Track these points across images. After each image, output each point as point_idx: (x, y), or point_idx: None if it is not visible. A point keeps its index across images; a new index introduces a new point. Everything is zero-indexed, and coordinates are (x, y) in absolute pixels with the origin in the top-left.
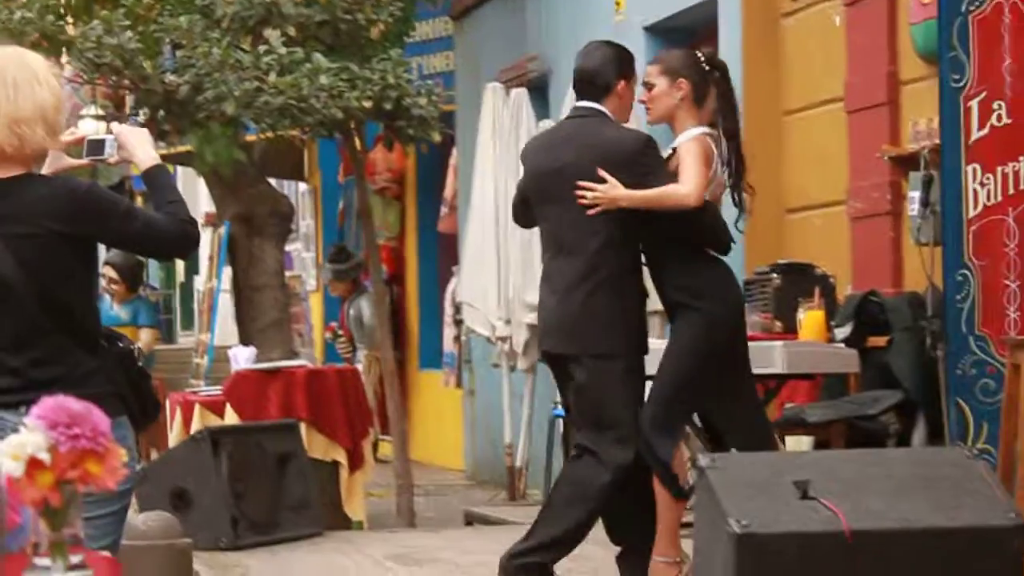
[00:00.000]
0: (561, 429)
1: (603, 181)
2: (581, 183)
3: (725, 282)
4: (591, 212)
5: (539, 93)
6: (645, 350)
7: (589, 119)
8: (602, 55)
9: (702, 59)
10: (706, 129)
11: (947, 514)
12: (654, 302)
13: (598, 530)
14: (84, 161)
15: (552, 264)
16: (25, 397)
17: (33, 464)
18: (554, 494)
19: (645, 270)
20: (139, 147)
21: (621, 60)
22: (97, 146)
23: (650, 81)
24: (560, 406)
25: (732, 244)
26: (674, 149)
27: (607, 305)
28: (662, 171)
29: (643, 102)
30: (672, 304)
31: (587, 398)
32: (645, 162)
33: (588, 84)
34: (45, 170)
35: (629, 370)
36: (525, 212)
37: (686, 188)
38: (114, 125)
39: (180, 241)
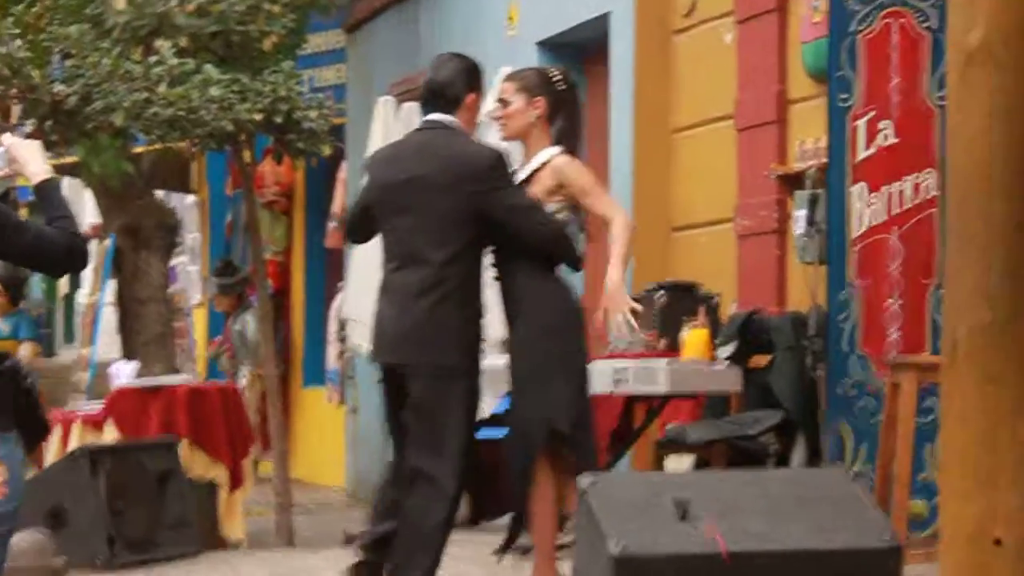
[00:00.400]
0: None
1: (455, 191)
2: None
3: (570, 298)
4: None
5: None
6: (479, 368)
7: (439, 131)
8: (453, 67)
9: (557, 77)
10: (560, 148)
11: (825, 536)
12: None
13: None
14: None
15: (395, 275)
16: None
17: None
18: (400, 539)
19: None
20: (31, 160)
21: (471, 73)
22: None
23: (506, 98)
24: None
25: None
26: (534, 172)
27: (451, 316)
28: (511, 186)
29: (498, 118)
30: (513, 316)
31: (426, 416)
32: (496, 176)
33: (439, 96)
34: None
35: (469, 389)
36: (364, 224)
37: (619, 216)
38: (5, 137)
39: (70, 256)
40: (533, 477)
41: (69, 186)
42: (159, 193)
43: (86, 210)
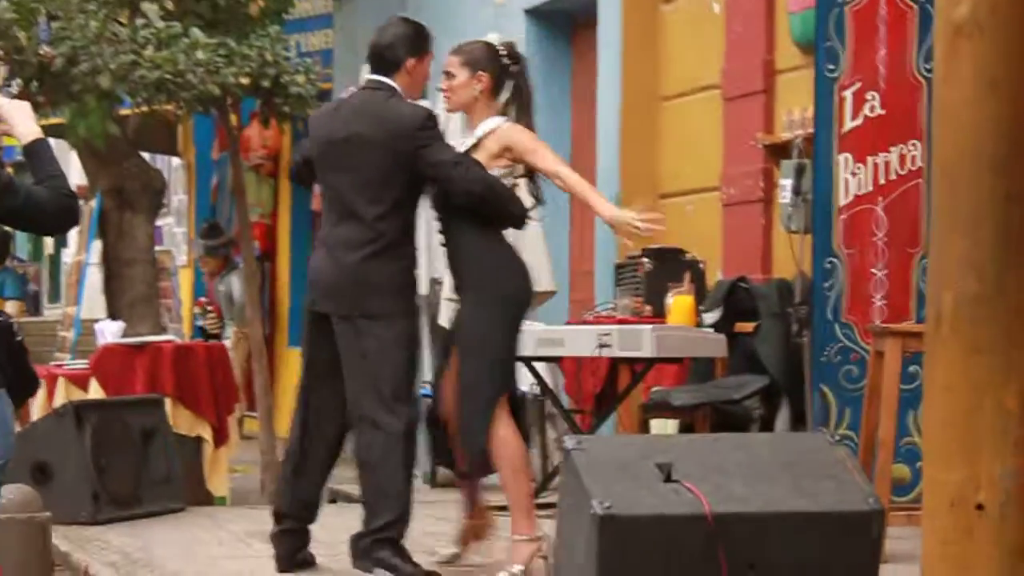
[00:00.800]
0: (426, 407)
1: (385, 148)
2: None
3: (517, 263)
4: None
5: None
6: (417, 314)
7: (378, 92)
8: (394, 32)
9: (503, 52)
10: (504, 119)
11: (808, 499)
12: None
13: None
14: None
15: (334, 230)
16: None
17: None
18: (364, 490)
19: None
20: (21, 121)
21: (414, 38)
22: None
23: (451, 71)
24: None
25: (528, 219)
26: (479, 140)
27: (384, 268)
28: (440, 143)
29: (443, 90)
30: (465, 280)
31: (364, 363)
32: (424, 135)
33: (379, 59)
34: None
35: (405, 333)
36: (308, 173)
37: (564, 168)
38: None
39: (62, 215)
40: (486, 438)
41: (55, 147)
42: (145, 155)
43: (71, 171)
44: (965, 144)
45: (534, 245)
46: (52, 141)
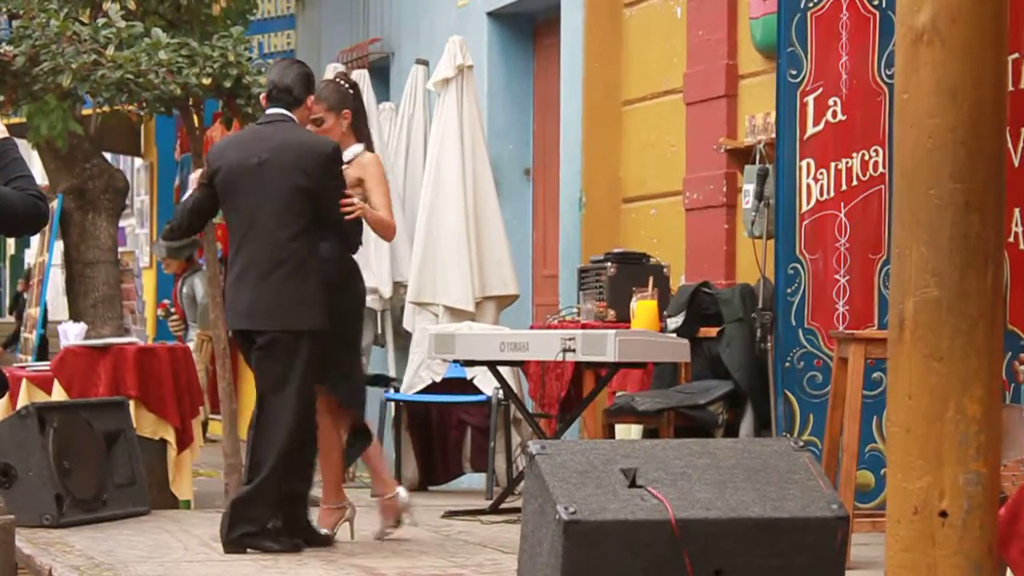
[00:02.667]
0: (392, 412)
1: (298, 175)
2: (348, 197)
3: (359, 275)
4: (349, 217)
5: (380, 75)
6: (328, 326)
7: (283, 123)
8: (296, 72)
9: (347, 85)
10: (363, 146)
11: (772, 504)
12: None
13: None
14: None
15: (244, 251)
16: None
17: None
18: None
19: None
20: None
21: (310, 78)
22: None
23: (319, 117)
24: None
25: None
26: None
27: (299, 287)
28: (340, 174)
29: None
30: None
31: (278, 373)
32: (334, 167)
33: (286, 93)
34: None
35: (315, 348)
36: (209, 213)
37: (393, 222)
38: None
39: (32, 217)
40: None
41: None
42: (107, 156)
43: (32, 172)
44: (925, 151)
45: (497, 249)
46: None
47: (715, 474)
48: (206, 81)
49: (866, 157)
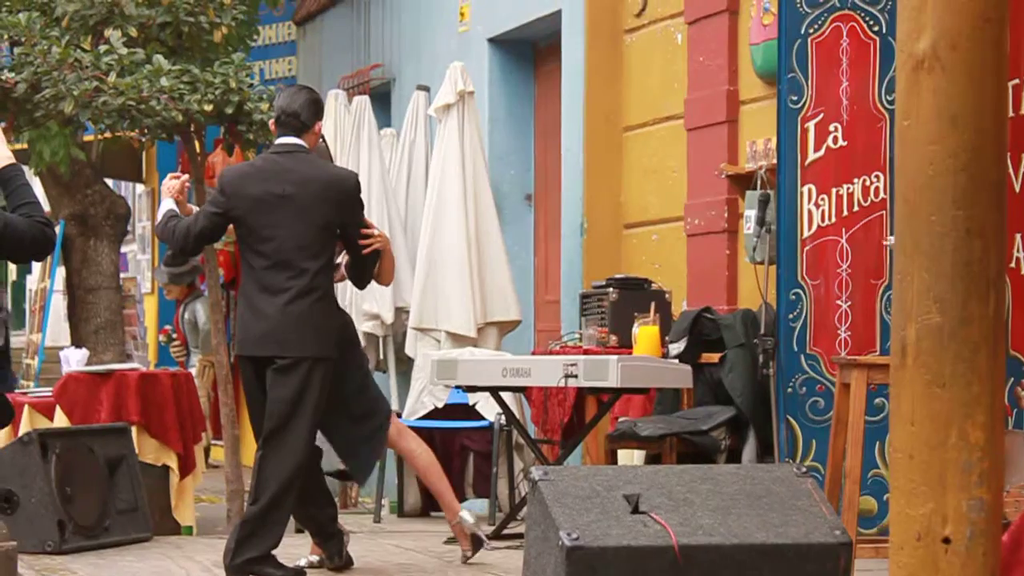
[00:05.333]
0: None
1: (327, 208)
2: (368, 228)
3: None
4: (367, 250)
5: (381, 101)
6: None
7: (301, 155)
8: (306, 98)
9: (325, 140)
10: None
11: (775, 530)
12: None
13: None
14: None
15: (265, 279)
16: None
17: None
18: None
19: None
20: None
21: (318, 104)
22: None
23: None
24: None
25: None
26: None
27: (324, 316)
28: (362, 206)
29: None
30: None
31: (294, 398)
32: (358, 201)
33: (295, 120)
34: None
35: (328, 373)
36: (214, 238)
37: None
38: None
39: (38, 243)
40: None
41: None
42: (109, 182)
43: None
44: (926, 178)
45: (499, 275)
46: None
47: (718, 500)
48: (208, 107)
49: (867, 183)
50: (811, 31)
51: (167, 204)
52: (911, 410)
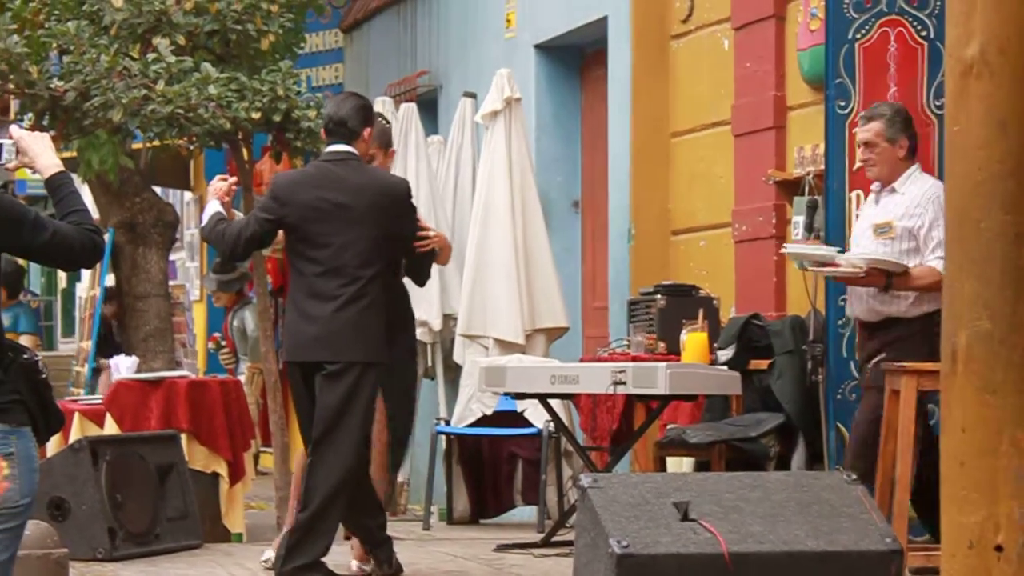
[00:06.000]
0: (443, 445)
1: (381, 216)
2: (425, 229)
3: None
4: (423, 249)
5: (428, 108)
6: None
7: (353, 163)
8: (353, 104)
9: (387, 120)
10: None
11: (825, 538)
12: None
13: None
14: None
15: (319, 285)
16: None
17: None
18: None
19: None
20: (42, 154)
21: (368, 110)
22: None
23: (373, 153)
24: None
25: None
26: None
27: (374, 321)
28: (415, 212)
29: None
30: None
31: (344, 402)
32: (412, 207)
33: (343, 127)
34: None
35: (377, 378)
36: (266, 239)
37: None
38: (13, 129)
39: (87, 251)
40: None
41: None
42: (157, 189)
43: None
44: (975, 183)
45: (547, 281)
46: None
47: (767, 507)
48: (255, 115)
49: None
50: (859, 36)
51: (213, 206)
52: (962, 417)
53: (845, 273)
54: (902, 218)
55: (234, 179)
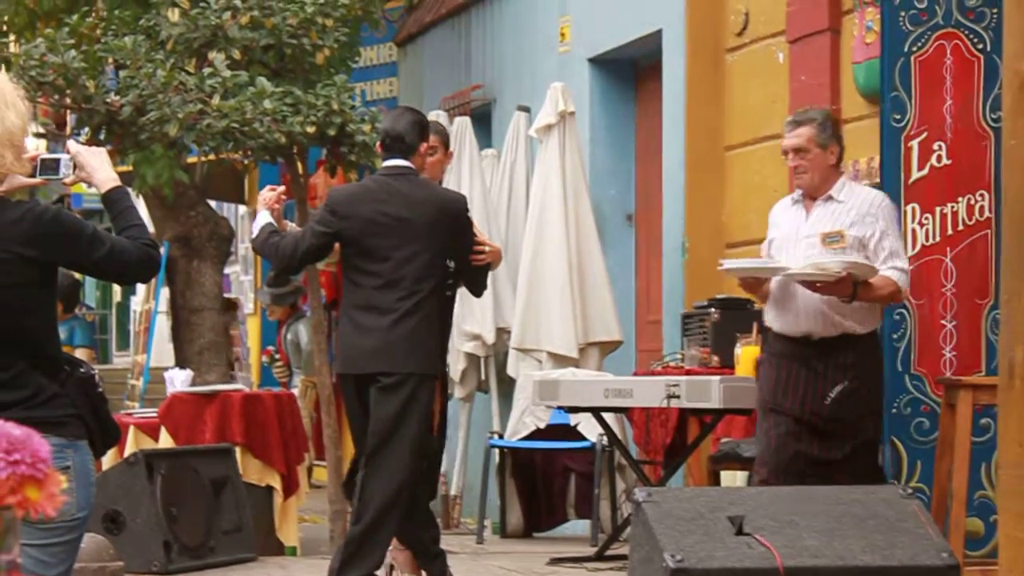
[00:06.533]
0: (496, 458)
1: (440, 231)
2: (481, 243)
3: None
4: (480, 263)
5: (482, 122)
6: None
7: (411, 177)
8: (410, 120)
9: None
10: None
11: (881, 553)
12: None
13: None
14: (38, 180)
15: (376, 299)
16: None
17: None
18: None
19: None
20: (99, 168)
21: (424, 125)
22: (51, 165)
23: (433, 146)
24: (493, 434)
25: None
26: None
27: (431, 334)
28: (471, 226)
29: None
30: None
31: (401, 414)
32: (469, 221)
33: (400, 143)
34: None
35: (435, 389)
36: (323, 252)
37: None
38: (71, 144)
39: (144, 265)
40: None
41: None
42: (212, 203)
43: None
44: None
45: (600, 295)
46: None
47: (823, 522)
48: (310, 129)
49: (972, 201)
50: (914, 49)
51: (264, 217)
52: (1019, 431)
53: (821, 278)
54: (851, 227)
55: (282, 188)
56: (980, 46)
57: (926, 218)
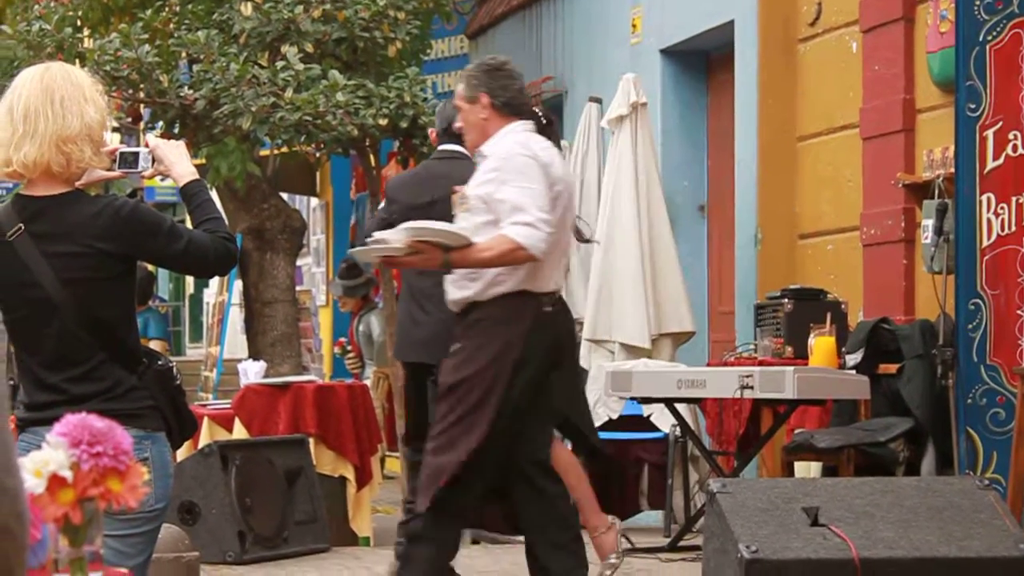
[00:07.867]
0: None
1: None
2: None
3: None
4: None
5: (554, 113)
6: None
7: (457, 160)
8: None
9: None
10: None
11: (957, 544)
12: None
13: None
14: (116, 173)
15: (417, 286)
16: (65, 413)
17: (55, 481)
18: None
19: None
20: (177, 162)
21: None
22: (130, 159)
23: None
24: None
25: None
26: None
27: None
28: None
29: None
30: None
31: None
32: None
33: (449, 128)
34: (77, 182)
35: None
36: None
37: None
38: (150, 138)
39: (221, 259)
40: None
41: None
42: (284, 196)
43: None
44: None
45: (673, 286)
46: None
47: (899, 513)
48: (383, 122)
49: None
50: (989, 38)
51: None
52: None
53: (384, 252)
54: (475, 186)
55: None
56: None
57: (1001, 208)
